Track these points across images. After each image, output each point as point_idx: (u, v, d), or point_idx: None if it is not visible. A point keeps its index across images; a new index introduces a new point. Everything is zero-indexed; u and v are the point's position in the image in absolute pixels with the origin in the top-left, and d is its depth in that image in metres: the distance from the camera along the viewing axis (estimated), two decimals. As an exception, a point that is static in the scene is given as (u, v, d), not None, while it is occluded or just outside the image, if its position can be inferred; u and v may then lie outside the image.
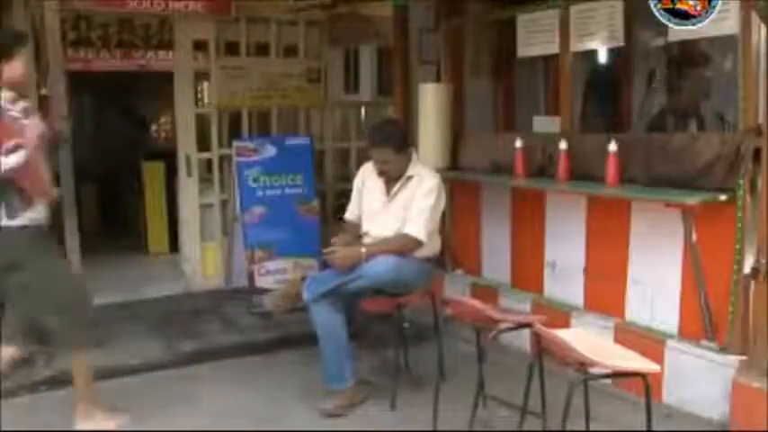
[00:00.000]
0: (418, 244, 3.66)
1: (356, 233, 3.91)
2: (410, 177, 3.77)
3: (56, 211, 4.66)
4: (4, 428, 3.44)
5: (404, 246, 3.64)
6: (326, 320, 3.62)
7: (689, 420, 3.45)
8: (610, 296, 4.06)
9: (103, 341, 4.58)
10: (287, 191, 5.57)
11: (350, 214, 4.03)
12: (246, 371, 4.15)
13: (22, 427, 3.51)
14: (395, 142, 3.73)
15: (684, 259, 3.64)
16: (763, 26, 3.19)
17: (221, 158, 5.91)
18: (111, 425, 3.44)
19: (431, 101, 5.01)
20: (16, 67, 3.27)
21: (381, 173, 3.78)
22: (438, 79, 5.29)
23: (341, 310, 3.63)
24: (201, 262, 5.97)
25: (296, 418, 3.64)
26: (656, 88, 5.22)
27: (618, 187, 3.82)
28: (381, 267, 3.52)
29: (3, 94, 3.19)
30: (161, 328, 4.93)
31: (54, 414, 3.69)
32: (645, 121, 5.08)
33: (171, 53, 5.66)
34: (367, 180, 3.93)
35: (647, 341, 3.62)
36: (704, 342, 3.52)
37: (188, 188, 5.92)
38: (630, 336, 3.71)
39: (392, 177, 3.79)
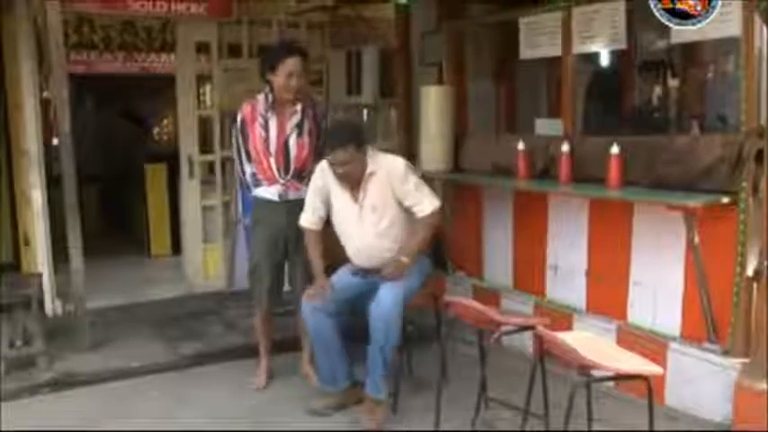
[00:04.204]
0: (439, 211, 3.60)
1: (318, 240, 3.70)
2: (372, 173, 3.53)
3: (58, 214, 4.71)
4: (4, 429, 3.45)
5: (432, 226, 3.60)
6: (317, 324, 3.61)
7: (691, 422, 3.44)
8: (612, 298, 4.05)
9: (105, 343, 4.59)
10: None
11: (307, 220, 3.72)
12: (248, 373, 4.15)
13: (22, 428, 3.51)
14: (356, 141, 3.49)
15: (687, 262, 3.64)
16: (764, 27, 3.19)
17: (223, 160, 5.90)
18: None
19: (433, 103, 5.00)
20: (279, 76, 3.72)
21: (343, 176, 3.52)
22: (440, 81, 5.28)
23: (332, 314, 3.61)
24: (203, 264, 5.97)
25: (296, 418, 3.64)
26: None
27: (620, 190, 3.82)
28: (388, 306, 3.42)
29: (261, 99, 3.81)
30: (163, 330, 4.93)
31: (55, 415, 3.69)
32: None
33: (173, 55, 5.66)
34: (331, 183, 3.62)
35: (650, 343, 3.62)
36: (706, 344, 3.51)
37: (190, 190, 5.91)
38: (633, 338, 3.71)
39: (353, 180, 3.53)
